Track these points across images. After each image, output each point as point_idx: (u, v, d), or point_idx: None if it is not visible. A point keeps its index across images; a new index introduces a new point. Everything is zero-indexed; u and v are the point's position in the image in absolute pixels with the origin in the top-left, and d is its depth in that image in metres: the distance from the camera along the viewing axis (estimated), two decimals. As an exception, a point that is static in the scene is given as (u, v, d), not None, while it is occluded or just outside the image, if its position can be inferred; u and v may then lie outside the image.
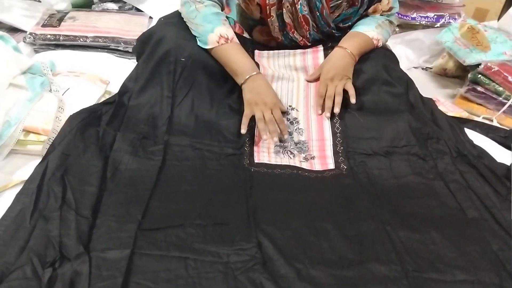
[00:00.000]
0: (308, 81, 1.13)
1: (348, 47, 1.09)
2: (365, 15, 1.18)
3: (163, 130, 1.03)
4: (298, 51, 1.17)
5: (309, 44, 1.17)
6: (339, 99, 1.06)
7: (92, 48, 1.54)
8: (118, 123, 1.03)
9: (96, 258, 0.71)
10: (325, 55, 1.14)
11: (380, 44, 1.15)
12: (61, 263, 0.70)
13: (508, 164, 1.01)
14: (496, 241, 0.81)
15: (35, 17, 1.63)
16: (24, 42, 1.52)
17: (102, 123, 1.02)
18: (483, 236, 0.82)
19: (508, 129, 1.25)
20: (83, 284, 0.67)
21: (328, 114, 1.07)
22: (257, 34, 1.23)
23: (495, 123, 1.32)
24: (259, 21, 1.18)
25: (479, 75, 1.37)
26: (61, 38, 1.52)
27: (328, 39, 1.18)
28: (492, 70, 1.35)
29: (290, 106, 1.12)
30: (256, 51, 1.18)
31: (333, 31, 1.15)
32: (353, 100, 1.05)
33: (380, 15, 1.18)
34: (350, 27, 1.17)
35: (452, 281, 0.73)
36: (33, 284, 0.67)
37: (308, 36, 1.14)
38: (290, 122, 1.10)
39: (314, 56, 1.16)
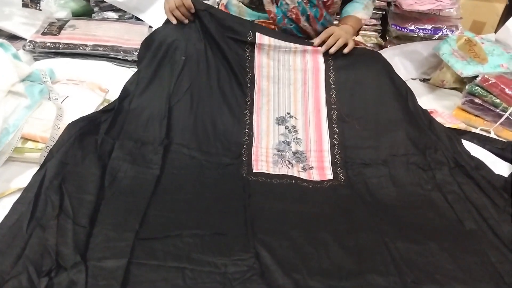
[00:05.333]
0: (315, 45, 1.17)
1: (348, 23, 1.26)
2: None
3: (162, 133, 1.02)
4: (299, 47, 1.15)
5: (301, 19, 1.18)
6: (339, 43, 1.15)
7: (92, 57, 1.54)
8: (117, 132, 1.03)
9: (93, 267, 0.71)
10: (324, 59, 1.15)
11: (365, 22, 1.33)
12: (57, 272, 0.69)
13: (506, 176, 1.02)
14: (494, 253, 0.81)
15: (35, 25, 1.63)
16: (24, 49, 1.53)
17: (101, 132, 1.02)
18: (481, 247, 0.82)
19: (505, 140, 1.26)
20: (80, 293, 0.66)
21: (323, 49, 1.15)
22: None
23: (492, 135, 1.33)
24: None
25: (476, 87, 1.38)
26: (60, 46, 1.52)
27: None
28: (489, 82, 1.35)
29: (288, 113, 1.12)
30: (258, 34, 1.14)
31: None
32: (346, 50, 1.15)
33: None
34: (341, 10, 1.32)
35: (450, 293, 0.73)
36: (29, 293, 0.66)
37: (297, 6, 1.16)
38: (288, 130, 1.10)
39: (314, 58, 1.16)
